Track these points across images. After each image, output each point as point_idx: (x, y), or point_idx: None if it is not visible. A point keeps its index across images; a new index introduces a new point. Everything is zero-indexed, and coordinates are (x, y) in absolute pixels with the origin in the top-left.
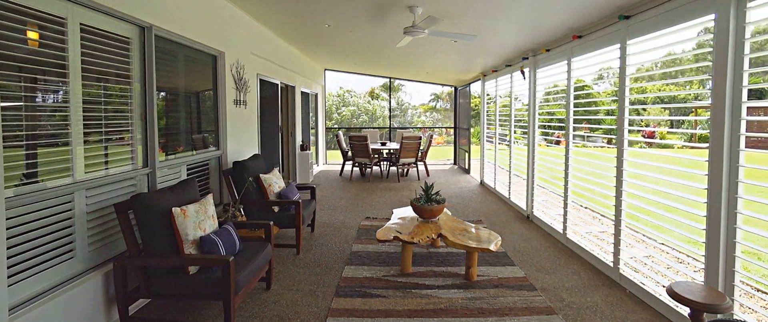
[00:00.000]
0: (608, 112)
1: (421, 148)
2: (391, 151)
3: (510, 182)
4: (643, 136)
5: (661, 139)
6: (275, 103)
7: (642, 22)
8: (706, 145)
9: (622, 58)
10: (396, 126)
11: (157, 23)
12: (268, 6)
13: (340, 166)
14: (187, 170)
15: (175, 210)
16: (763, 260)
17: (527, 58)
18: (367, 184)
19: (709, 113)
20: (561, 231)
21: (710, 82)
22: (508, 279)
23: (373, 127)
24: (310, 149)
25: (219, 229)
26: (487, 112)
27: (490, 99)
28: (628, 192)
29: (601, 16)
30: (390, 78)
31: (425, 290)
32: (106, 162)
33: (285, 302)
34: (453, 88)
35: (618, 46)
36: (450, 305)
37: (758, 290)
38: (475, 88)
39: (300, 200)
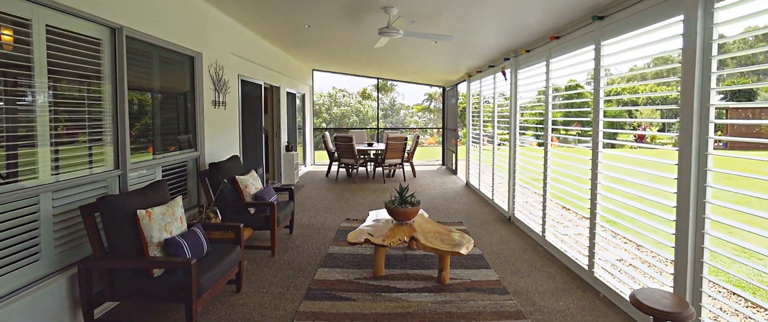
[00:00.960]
0: (584, 114)
1: (408, 149)
2: (378, 152)
3: (493, 184)
4: (635, 137)
5: (650, 140)
6: (259, 103)
7: (615, 23)
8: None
9: (597, 59)
10: (388, 126)
11: (129, 24)
12: (247, 6)
13: (327, 167)
14: (163, 171)
15: (140, 212)
16: (733, 265)
17: (509, 59)
18: (352, 185)
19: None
20: (540, 233)
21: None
22: (482, 282)
23: (361, 128)
24: (295, 150)
25: (187, 231)
26: (472, 112)
27: (475, 100)
28: (603, 195)
29: (576, 16)
30: (378, 79)
31: (396, 294)
32: (75, 164)
33: (253, 304)
34: (441, 89)
35: (592, 47)
36: (418, 309)
37: (733, 293)
38: (462, 88)
39: (275, 202)
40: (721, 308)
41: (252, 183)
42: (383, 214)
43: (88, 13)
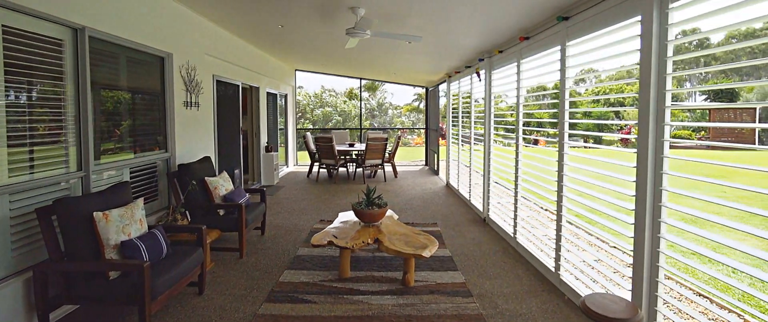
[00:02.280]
0: (554, 115)
1: (389, 149)
2: (359, 152)
3: (470, 184)
4: (621, 136)
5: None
6: (236, 104)
7: (580, 24)
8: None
9: (563, 59)
10: (375, 126)
11: (92, 25)
12: (219, 6)
13: (309, 167)
14: (132, 172)
15: (97, 215)
16: (688, 271)
17: (483, 60)
18: (332, 186)
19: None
20: (512, 235)
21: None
22: (446, 285)
23: (342, 128)
24: (276, 151)
25: (146, 233)
26: (451, 113)
27: (455, 100)
28: (568, 197)
29: (543, 17)
30: (361, 79)
31: (358, 296)
32: (35, 165)
33: (214, 307)
34: (424, 89)
35: (559, 47)
36: (378, 312)
37: (695, 294)
38: (444, 89)
39: (245, 204)
40: (678, 312)
41: (222, 184)
42: (352, 215)
43: (47, 13)
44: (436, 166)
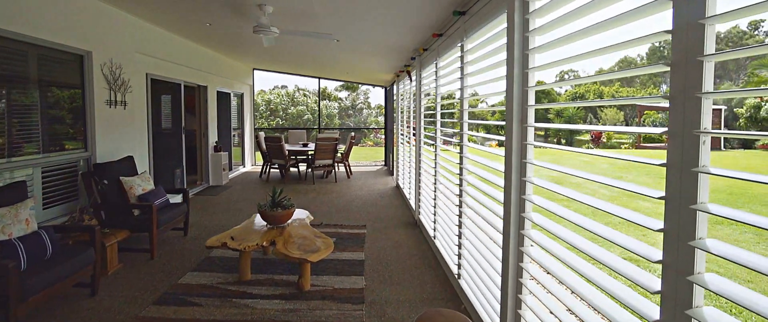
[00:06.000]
0: (453, 115)
1: (342, 150)
2: (310, 153)
3: (410, 185)
4: (592, 137)
5: (607, 140)
6: (178, 103)
7: (474, 18)
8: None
9: (462, 56)
10: (351, 126)
11: None
12: (142, 2)
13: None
14: (44, 172)
15: None
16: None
17: (414, 59)
18: (281, 186)
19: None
20: (433, 237)
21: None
22: (343, 291)
23: (300, 128)
24: (226, 151)
25: (31, 233)
26: (399, 112)
27: (402, 99)
28: (465, 202)
29: (443, 12)
30: (319, 78)
31: (248, 300)
32: None
33: (100, 309)
34: (384, 89)
35: (460, 44)
36: (260, 317)
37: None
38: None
39: (159, 204)
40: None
41: (139, 184)
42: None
43: None
44: (392, 167)
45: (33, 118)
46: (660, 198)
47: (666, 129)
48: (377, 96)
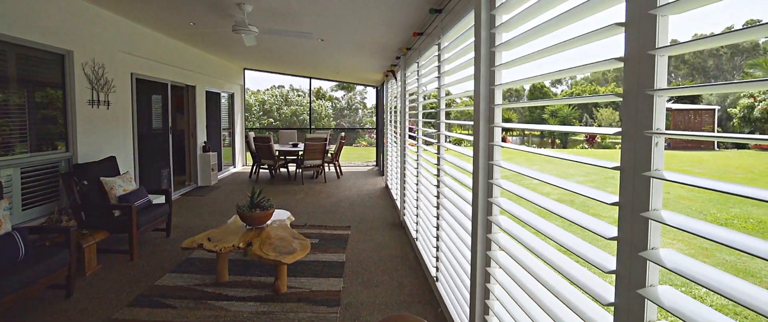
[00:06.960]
0: (432, 115)
1: (331, 150)
2: (300, 153)
3: (397, 186)
4: (586, 138)
5: (602, 141)
6: (164, 103)
7: (449, 15)
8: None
9: (439, 55)
10: (346, 126)
11: None
12: (126, 1)
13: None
14: (24, 172)
15: None
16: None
17: (400, 58)
18: (270, 186)
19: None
20: (415, 239)
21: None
22: (319, 293)
23: (291, 128)
24: (216, 151)
25: (3, 235)
26: (388, 112)
27: (393, 99)
28: (442, 204)
29: (419, 10)
30: (310, 78)
31: (223, 302)
32: None
33: (73, 311)
34: (375, 89)
35: (437, 42)
36: (234, 319)
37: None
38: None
39: (139, 205)
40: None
41: (120, 185)
42: None
43: None
44: (383, 167)
45: (12, 118)
46: (613, 204)
47: (620, 130)
48: (372, 96)
